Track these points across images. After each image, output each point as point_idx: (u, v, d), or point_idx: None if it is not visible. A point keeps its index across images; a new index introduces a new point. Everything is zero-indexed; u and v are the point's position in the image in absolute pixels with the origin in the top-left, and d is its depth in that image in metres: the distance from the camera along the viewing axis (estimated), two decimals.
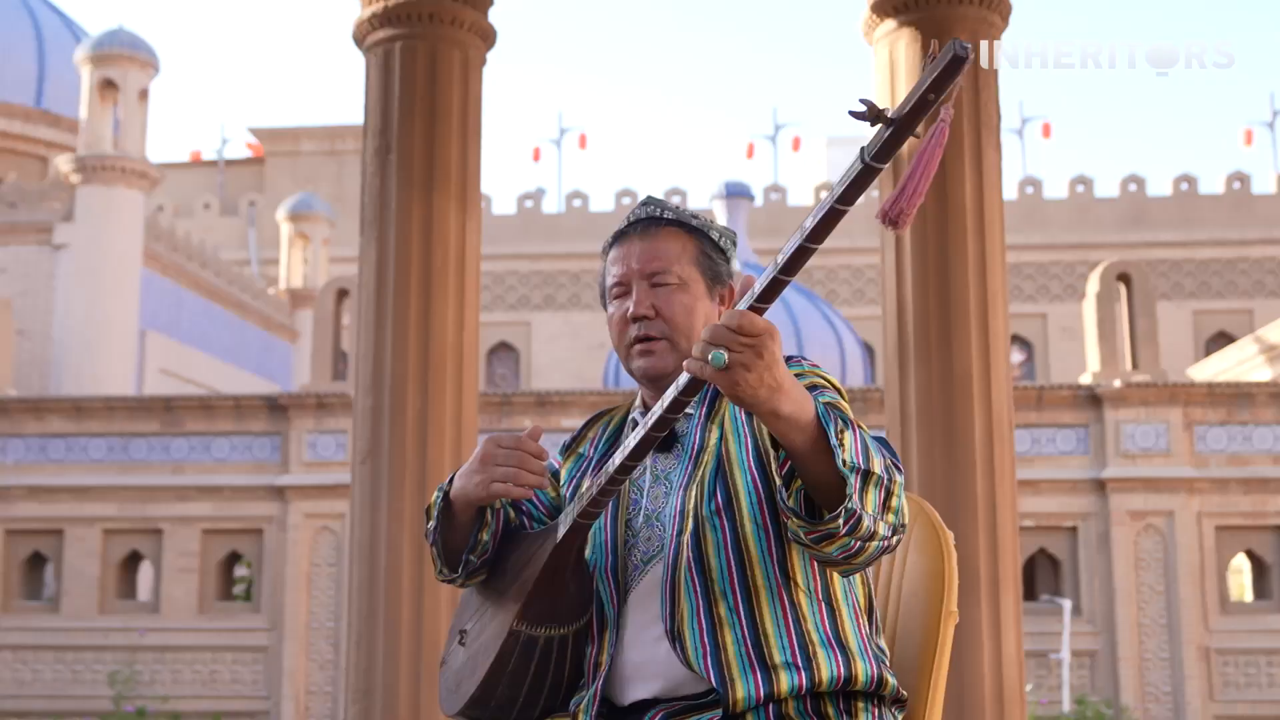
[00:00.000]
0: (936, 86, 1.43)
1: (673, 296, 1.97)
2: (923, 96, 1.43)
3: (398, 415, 5.57)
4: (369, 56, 5.93)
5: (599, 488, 1.83)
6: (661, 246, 2.00)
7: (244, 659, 13.62)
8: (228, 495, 13.82)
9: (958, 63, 1.41)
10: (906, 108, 1.44)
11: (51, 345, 18.87)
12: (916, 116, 1.45)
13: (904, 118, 1.45)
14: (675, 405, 1.70)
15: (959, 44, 1.41)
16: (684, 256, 2.00)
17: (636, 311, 1.97)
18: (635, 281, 1.99)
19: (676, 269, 1.98)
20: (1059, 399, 13.14)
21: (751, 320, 1.58)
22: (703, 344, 1.59)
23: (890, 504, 1.73)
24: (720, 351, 1.57)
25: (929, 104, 1.44)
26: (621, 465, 1.80)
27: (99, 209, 19.16)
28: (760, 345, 1.57)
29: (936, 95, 1.44)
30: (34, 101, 23.65)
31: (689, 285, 1.98)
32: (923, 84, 1.43)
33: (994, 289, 5.55)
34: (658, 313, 1.97)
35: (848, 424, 1.69)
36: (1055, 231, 26.39)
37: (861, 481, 1.67)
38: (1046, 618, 12.73)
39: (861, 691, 1.89)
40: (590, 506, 1.86)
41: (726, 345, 1.57)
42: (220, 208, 29.38)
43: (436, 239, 5.70)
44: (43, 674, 13.72)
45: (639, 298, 1.98)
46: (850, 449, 1.67)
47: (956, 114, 5.57)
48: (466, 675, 1.96)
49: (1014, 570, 5.43)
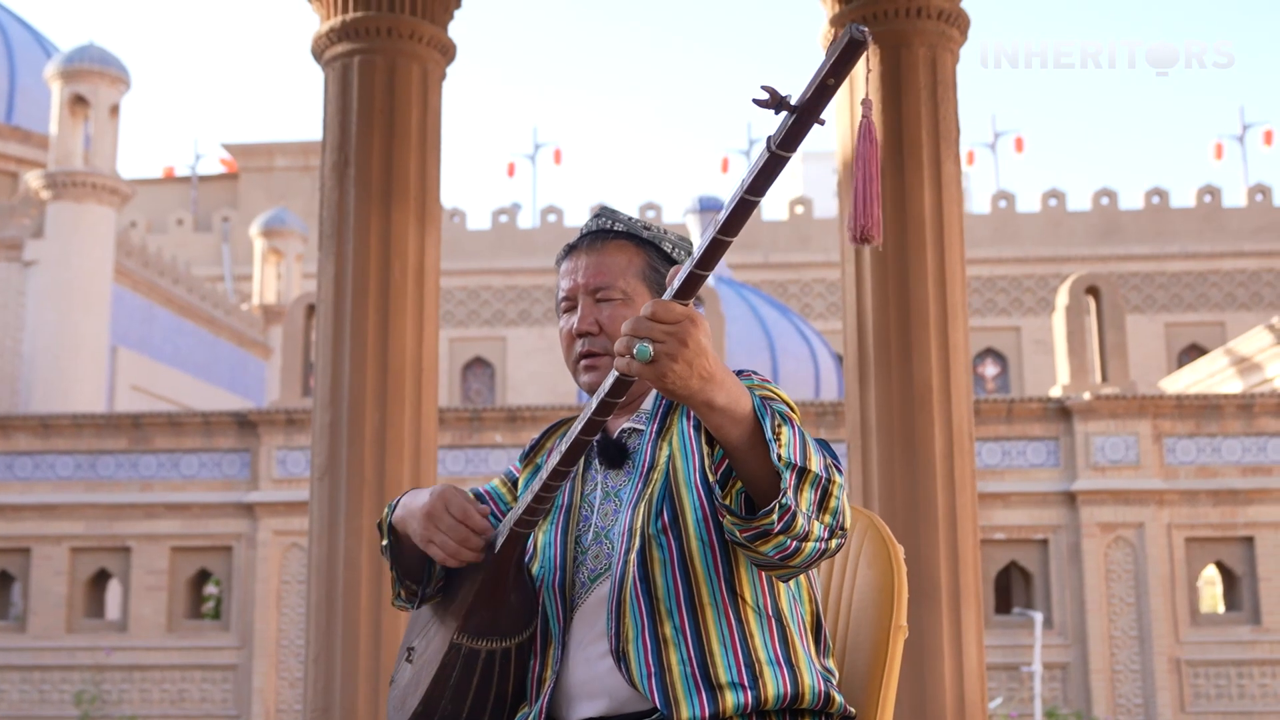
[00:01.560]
0: (835, 71, 1.42)
1: (616, 311, 1.95)
2: (822, 82, 1.42)
3: (356, 431, 5.53)
4: (327, 71, 5.91)
5: (534, 495, 1.81)
6: (608, 260, 1.98)
7: (213, 677, 13.51)
8: (196, 512, 13.72)
9: (854, 46, 1.41)
10: (808, 94, 1.44)
11: (21, 362, 18.73)
12: (818, 102, 1.44)
13: (806, 104, 1.43)
14: (603, 407, 1.68)
15: (855, 28, 1.41)
16: (629, 270, 1.98)
17: (580, 327, 1.96)
18: (581, 296, 1.98)
19: (621, 284, 1.97)
20: (1029, 411, 13.17)
21: (668, 308, 1.55)
22: (626, 338, 1.57)
23: (828, 504, 1.69)
24: (645, 344, 1.55)
25: (829, 89, 1.43)
26: (554, 471, 1.78)
27: (69, 225, 19.05)
28: (682, 332, 1.54)
29: (836, 80, 1.42)
30: (4, 117, 23.52)
31: (633, 300, 1.96)
32: (822, 69, 1.42)
33: (954, 301, 5.56)
34: (601, 328, 1.95)
35: (785, 420, 1.67)
36: (1028, 245, 26.51)
37: (797, 478, 1.65)
38: (1018, 630, 12.74)
39: (808, 710, 1.87)
40: (526, 515, 1.83)
41: (649, 336, 1.55)
42: (194, 223, 29.26)
43: (395, 253, 5.68)
44: (9, 694, 13.58)
45: (583, 313, 1.96)
46: (787, 445, 1.64)
47: (914, 126, 5.58)
48: (411, 692, 1.93)
49: (975, 583, 5.43)
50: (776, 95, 1.45)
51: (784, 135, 1.45)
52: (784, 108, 1.44)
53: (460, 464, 13.31)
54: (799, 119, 1.44)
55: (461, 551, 1.84)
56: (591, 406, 1.70)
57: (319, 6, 5.96)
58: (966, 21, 5.77)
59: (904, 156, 5.55)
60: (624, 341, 1.57)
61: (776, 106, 1.45)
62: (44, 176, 19.12)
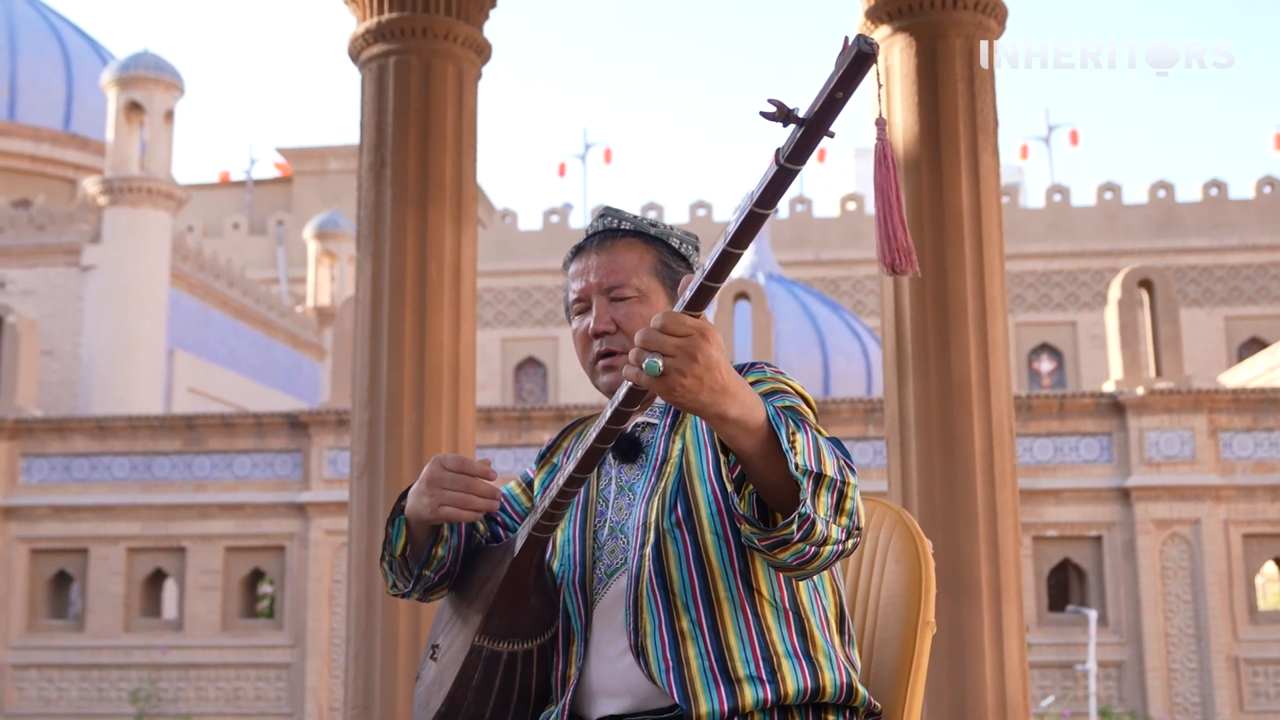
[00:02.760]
0: (843, 84, 1.40)
1: (632, 310, 1.94)
2: (830, 95, 1.41)
3: (394, 429, 5.56)
4: (364, 72, 5.94)
5: (551, 500, 1.80)
6: (619, 259, 1.97)
7: (267, 675, 13.65)
8: (249, 513, 13.87)
9: (862, 59, 1.39)
10: (816, 107, 1.42)
11: (80, 366, 19.02)
12: (827, 115, 1.42)
13: (814, 117, 1.42)
14: (618, 416, 1.67)
15: (863, 40, 1.39)
16: (641, 267, 1.97)
17: (597, 327, 1.95)
18: (595, 296, 1.97)
19: (635, 281, 1.96)
20: (1081, 407, 13.01)
21: (678, 320, 1.53)
22: (637, 350, 1.55)
23: (844, 506, 1.68)
24: (654, 358, 1.54)
25: (837, 102, 1.41)
26: (570, 478, 1.77)
27: (126, 230, 19.33)
28: (692, 346, 1.53)
29: (844, 93, 1.41)
30: (62, 125, 23.90)
31: (648, 297, 1.96)
32: (829, 82, 1.41)
33: (993, 294, 5.49)
34: (618, 327, 1.94)
35: (800, 426, 1.66)
36: (1084, 239, 26.20)
37: (814, 485, 1.63)
38: (1072, 628, 12.60)
39: (830, 704, 1.85)
40: (544, 519, 1.82)
41: (659, 349, 1.53)
42: (249, 227, 29.57)
43: (432, 253, 5.69)
44: (68, 692, 13.79)
45: (599, 313, 1.95)
46: (803, 452, 1.63)
47: (950, 117, 5.52)
48: (435, 691, 1.94)
49: (1016, 579, 5.36)
50: (784, 108, 1.43)
51: (792, 148, 1.44)
52: (791, 120, 1.43)
53: (509, 463, 13.36)
54: (807, 132, 1.43)
55: (470, 499, 1.84)
56: (606, 415, 1.69)
57: (355, 8, 5.99)
58: (1004, 12, 5.70)
59: (941, 149, 5.49)
60: (634, 354, 1.55)
61: (784, 120, 1.43)
62: (101, 182, 19.40)
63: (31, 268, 19.41)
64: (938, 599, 5.59)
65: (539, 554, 1.87)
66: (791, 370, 19.78)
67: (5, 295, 18.92)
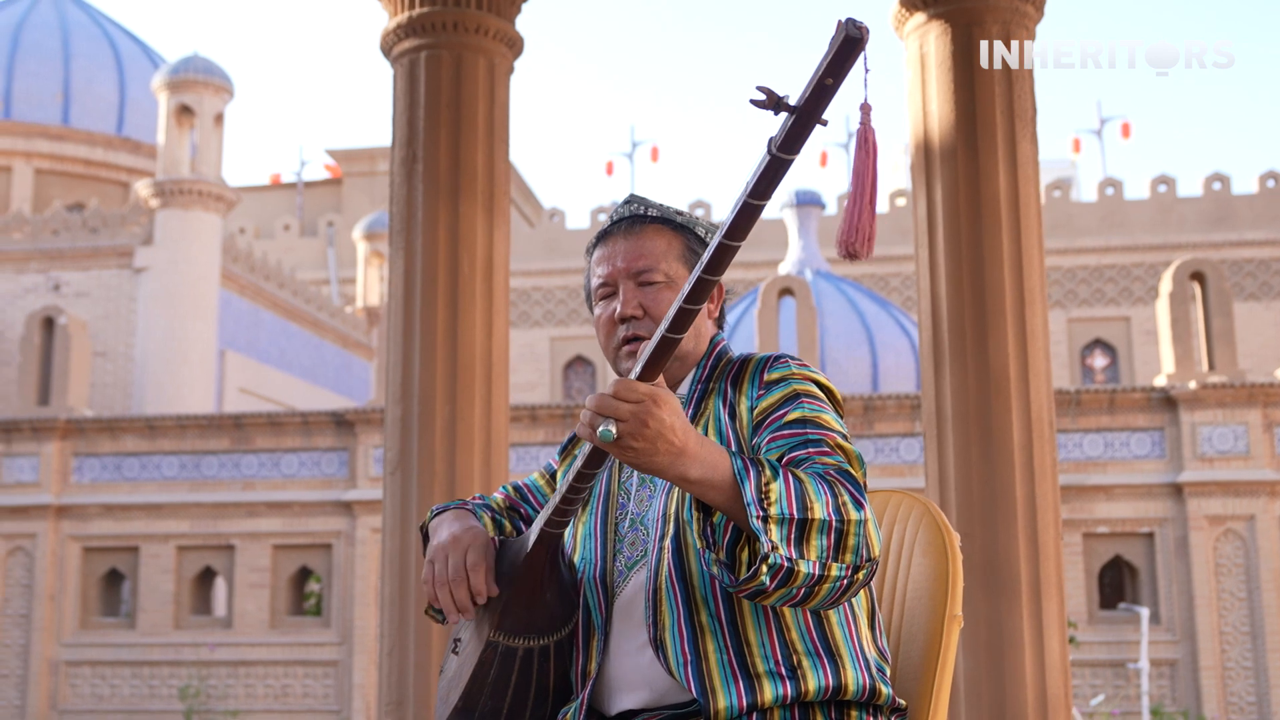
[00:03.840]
0: (833, 70, 1.38)
1: (660, 295, 1.92)
2: (820, 82, 1.38)
3: (426, 425, 5.54)
4: (396, 67, 5.94)
5: (561, 496, 1.78)
6: (647, 244, 1.95)
7: (315, 673, 13.73)
8: (297, 511, 13.96)
9: (851, 44, 1.36)
10: (806, 94, 1.39)
11: (133, 366, 19.24)
12: (817, 103, 1.40)
13: (804, 105, 1.39)
14: (582, 477, 1.70)
15: (851, 24, 1.37)
16: (670, 254, 1.95)
17: (624, 311, 1.92)
18: (621, 281, 1.94)
19: (663, 266, 1.94)
20: (1132, 402, 12.82)
21: (630, 387, 1.54)
22: (590, 414, 1.56)
23: (845, 544, 1.65)
24: (608, 427, 1.54)
25: (828, 89, 1.39)
26: (579, 473, 1.75)
27: (177, 232, 19.53)
28: (643, 412, 1.54)
29: (835, 80, 1.38)
30: (115, 129, 24.20)
31: (676, 283, 1.93)
32: (819, 69, 1.38)
33: (1031, 285, 5.40)
34: (645, 312, 1.92)
35: (776, 474, 1.63)
36: (1137, 233, 25.85)
37: (798, 531, 1.61)
38: (1124, 626, 12.42)
39: (853, 701, 1.82)
40: (555, 515, 1.80)
41: (613, 414, 1.53)
42: (300, 229, 29.81)
43: (464, 247, 5.67)
44: (120, 689, 13.95)
45: (626, 297, 1.93)
46: (779, 501, 1.61)
47: (987, 105, 5.43)
48: (454, 686, 1.93)
49: (1057, 575, 5.26)
50: (774, 96, 1.42)
51: (784, 137, 1.42)
52: (782, 109, 1.41)
53: None
54: (798, 120, 1.40)
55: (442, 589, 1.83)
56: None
57: (386, 4, 5.99)
58: None
59: (978, 138, 5.40)
60: (588, 416, 1.55)
61: (775, 108, 1.41)
62: (152, 185, 19.61)
63: (86, 270, 19.67)
64: (976, 595, 5.48)
65: (552, 549, 1.85)
66: (840, 368, 19.63)
67: (60, 297, 19.17)
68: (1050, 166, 32.44)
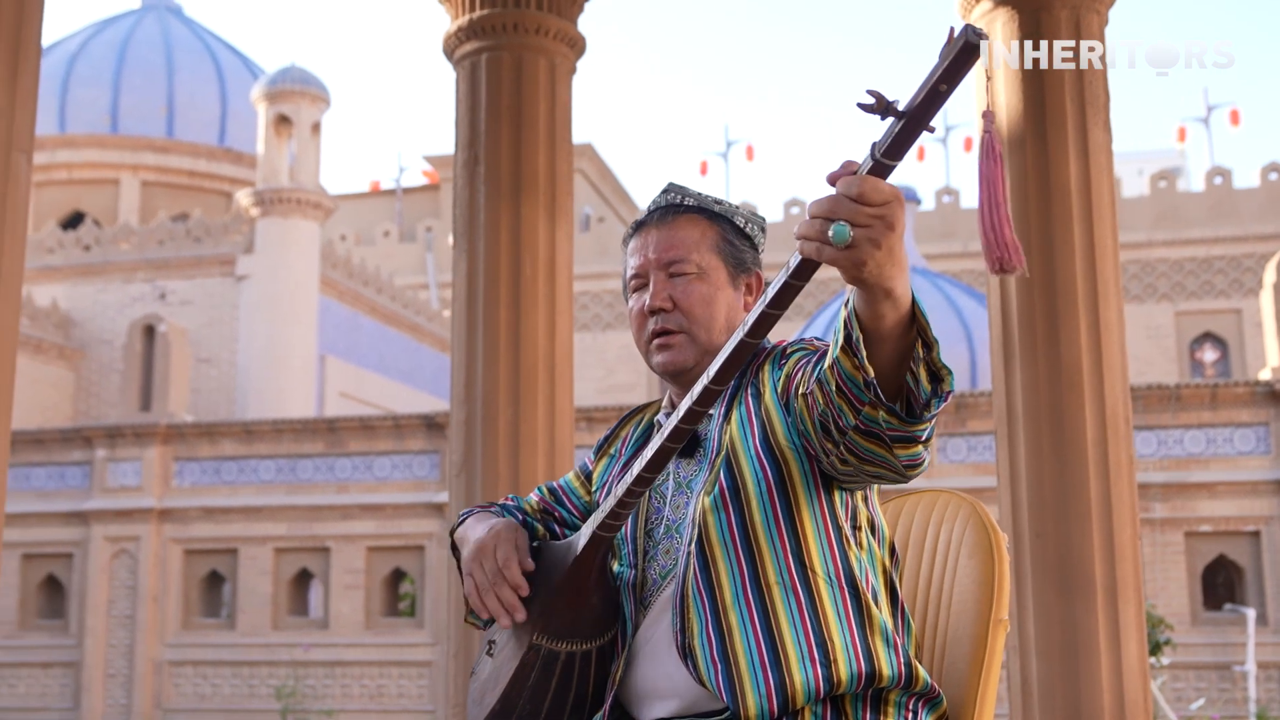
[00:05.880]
0: (948, 77, 1.32)
1: (691, 287, 1.88)
2: (934, 88, 1.32)
3: (490, 427, 5.54)
4: (458, 69, 5.96)
5: (618, 499, 1.75)
6: (679, 234, 1.91)
7: (409, 673, 13.87)
8: (390, 513, 14.11)
9: (969, 51, 1.30)
10: (917, 100, 1.34)
11: (236, 372, 19.64)
12: (928, 109, 1.34)
13: (914, 110, 1.34)
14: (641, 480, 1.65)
15: (971, 30, 1.31)
16: (703, 244, 1.90)
17: (653, 304, 1.88)
18: (653, 272, 1.90)
19: (695, 257, 1.89)
20: (1235, 396, 12.42)
21: (877, 187, 1.39)
22: (818, 221, 1.41)
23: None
24: (844, 225, 1.39)
25: (940, 95, 1.33)
26: (639, 477, 1.71)
27: (277, 240, 19.89)
28: (891, 215, 1.40)
29: (949, 86, 1.33)
30: (217, 140, 24.75)
31: (708, 274, 1.89)
32: (933, 74, 1.33)
33: (1105, 277, 5.24)
34: (675, 304, 1.87)
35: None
36: (1248, 223, 25.09)
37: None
38: (1228, 628, 12.04)
39: (889, 689, 1.76)
40: (609, 518, 1.77)
41: (851, 219, 1.40)
42: (399, 234, 30.19)
43: (525, 248, 5.67)
44: (221, 689, 14.23)
45: (656, 289, 1.89)
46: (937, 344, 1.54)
47: (1057, 91, 5.28)
48: (490, 688, 1.90)
49: (1134, 576, 5.10)
50: (883, 100, 1.36)
51: (890, 143, 1.36)
52: (891, 113, 1.36)
53: None
54: (906, 126, 1.35)
55: (487, 596, 1.81)
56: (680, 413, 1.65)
57: (448, 6, 6.01)
58: None
59: (1047, 126, 5.25)
60: (814, 225, 1.42)
61: (883, 112, 1.36)
62: (252, 194, 20.00)
63: (190, 279, 20.13)
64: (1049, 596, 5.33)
65: (602, 553, 1.82)
66: None
67: (166, 306, 19.65)
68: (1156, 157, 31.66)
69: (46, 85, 24.32)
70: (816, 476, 1.77)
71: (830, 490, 1.79)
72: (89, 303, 20.28)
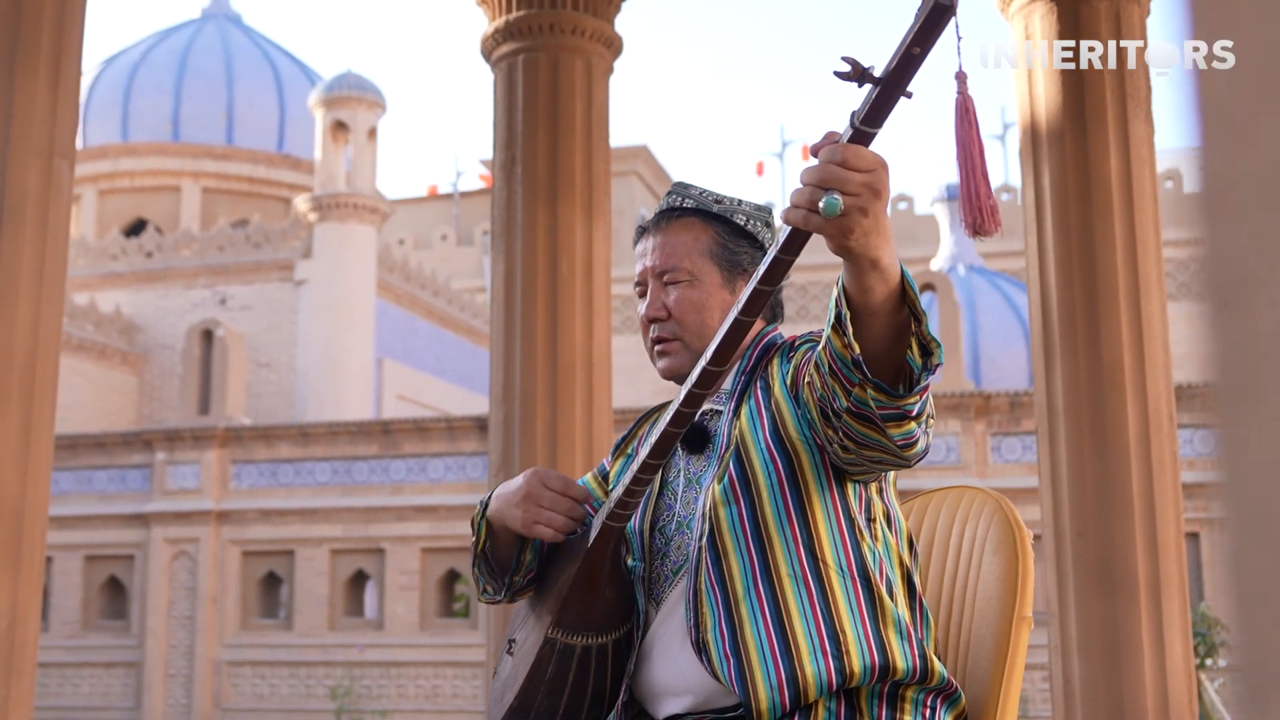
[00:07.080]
0: (920, 40, 1.32)
1: (683, 294, 1.89)
2: (907, 51, 1.32)
3: (528, 427, 5.56)
4: (495, 71, 5.98)
5: (624, 488, 1.76)
6: (673, 240, 1.92)
7: (464, 674, 13.94)
8: (444, 514, 14.19)
9: (940, 11, 1.30)
10: (892, 65, 1.34)
11: (295, 376, 19.85)
12: (903, 74, 1.33)
13: (889, 75, 1.34)
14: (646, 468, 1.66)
15: None
16: (695, 249, 1.91)
17: (649, 313, 1.91)
18: (650, 280, 1.93)
19: (686, 264, 1.90)
20: None
21: (860, 154, 1.38)
22: (807, 190, 1.40)
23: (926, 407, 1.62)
24: (835, 197, 1.38)
25: (914, 59, 1.33)
26: (644, 464, 1.72)
27: (334, 245, 20.08)
28: (877, 181, 1.39)
29: (922, 49, 1.32)
30: (276, 147, 25.04)
31: (700, 279, 1.89)
32: (906, 38, 1.32)
33: (1147, 271, 5.16)
34: (669, 313, 1.89)
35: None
36: None
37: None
38: None
39: (903, 682, 1.75)
40: (617, 508, 1.78)
41: (840, 187, 1.38)
42: (456, 238, 30.38)
43: (563, 249, 5.68)
44: (279, 688, 14.38)
45: (651, 298, 1.91)
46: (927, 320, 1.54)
47: (1097, 84, 5.21)
48: (509, 685, 1.91)
49: (1179, 575, 5.02)
50: (859, 67, 1.36)
51: (867, 110, 1.36)
52: (867, 80, 1.36)
53: None
54: (883, 91, 1.35)
55: (569, 524, 1.83)
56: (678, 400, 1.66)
57: (486, 8, 6.04)
58: None
59: (1086, 118, 5.19)
60: (804, 192, 1.41)
61: (859, 79, 1.36)
62: (310, 200, 20.20)
63: (250, 284, 20.36)
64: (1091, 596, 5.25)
65: (613, 545, 1.82)
66: (995, 364, 19.12)
67: (226, 311, 19.90)
68: None
69: (109, 95, 24.72)
70: (828, 468, 1.77)
71: (842, 482, 1.78)
72: (151, 308, 20.59)
